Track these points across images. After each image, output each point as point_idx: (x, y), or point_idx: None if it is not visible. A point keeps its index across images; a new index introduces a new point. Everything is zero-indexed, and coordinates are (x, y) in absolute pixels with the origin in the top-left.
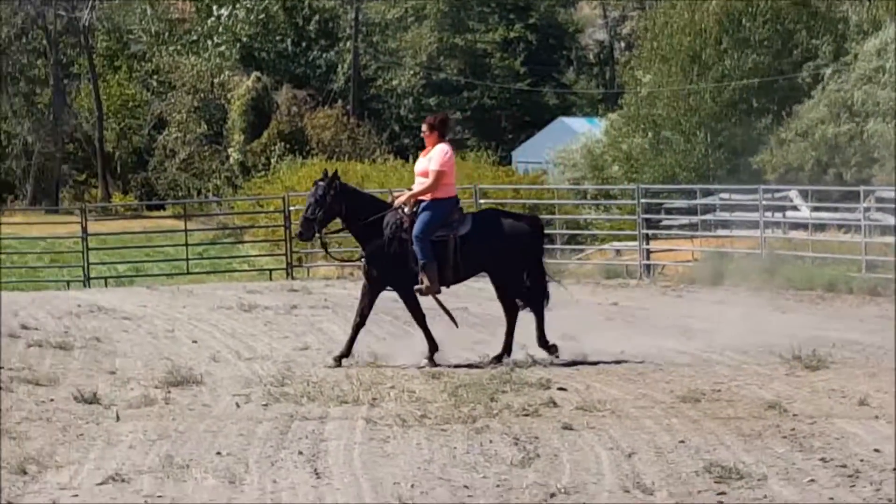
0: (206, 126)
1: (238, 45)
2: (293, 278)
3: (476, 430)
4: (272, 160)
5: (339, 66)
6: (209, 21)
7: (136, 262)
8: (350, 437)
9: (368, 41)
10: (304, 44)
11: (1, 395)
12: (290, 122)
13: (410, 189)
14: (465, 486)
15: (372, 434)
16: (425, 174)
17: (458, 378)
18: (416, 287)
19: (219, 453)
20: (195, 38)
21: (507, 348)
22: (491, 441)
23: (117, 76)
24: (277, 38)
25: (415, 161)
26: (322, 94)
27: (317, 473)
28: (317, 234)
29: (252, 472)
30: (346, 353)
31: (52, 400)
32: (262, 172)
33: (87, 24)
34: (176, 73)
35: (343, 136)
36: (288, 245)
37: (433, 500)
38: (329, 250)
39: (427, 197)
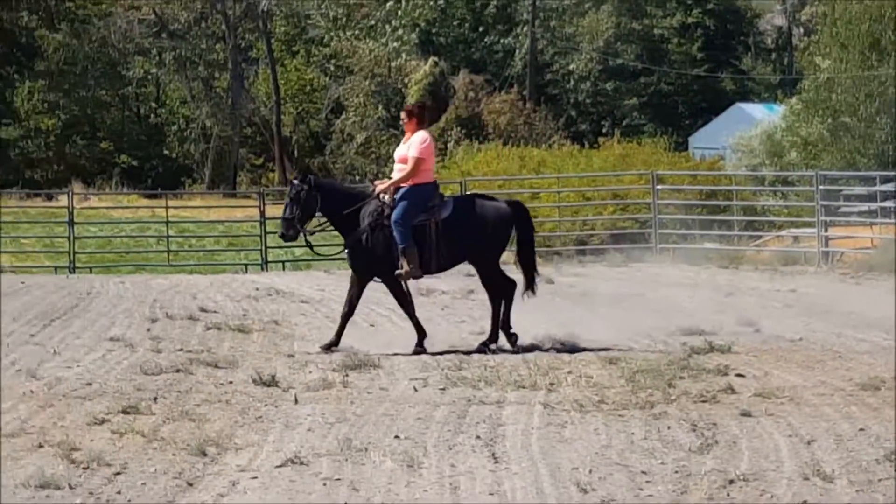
0: (383, 110)
1: (416, 29)
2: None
3: (654, 416)
4: (448, 145)
5: (517, 51)
6: (387, 5)
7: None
8: (527, 422)
9: (545, 26)
10: (481, 29)
11: None
12: (467, 106)
13: (390, 178)
14: (643, 472)
15: (549, 419)
16: (404, 161)
17: (636, 364)
18: (396, 272)
19: (397, 437)
20: (373, 22)
21: (493, 336)
22: (669, 427)
23: (295, 61)
24: (455, 22)
25: (591, 146)
26: (499, 79)
27: (494, 458)
28: (300, 232)
29: (430, 455)
30: (336, 342)
31: (230, 382)
32: (439, 157)
33: (265, 8)
34: (353, 57)
35: (519, 122)
36: None
37: (611, 486)
38: (314, 247)
39: (406, 184)
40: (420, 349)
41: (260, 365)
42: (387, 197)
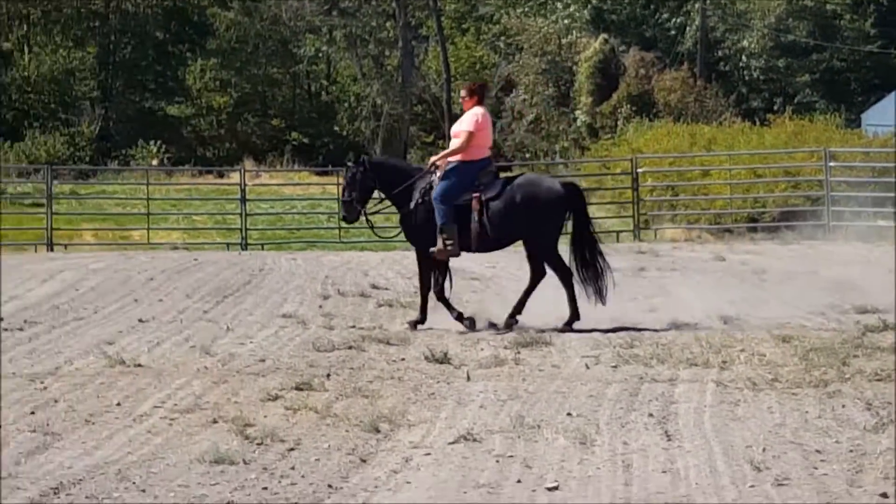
0: (553, 88)
1: (587, 6)
2: (640, 240)
3: (828, 394)
4: (619, 122)
5: (688, 29)
6: None
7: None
8: (700, 400)
9: (717, 3)
10: (652, 6)
11: None
12: (637, 84)
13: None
14: (818, 451)
15: (722, 397)
16: (458, 136)
17: (809, 342)
18: (430, 249)
19: (569, 414)
20: None
21: (519, 309)
22: (843, 406)
23: (465, 38)
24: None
25: (762, 124)
26: (669, 56)
27: (667, 436)
28: (361, 214)
29: (602, 433)
30: (422, 319)
31: (403, 359)
32: (609, 135)
33: None
34: (523, 35)
35: (690, 99)
36: (635, 207)
37: (785, 465)
38: (374, 227)
39: (457, 158)
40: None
41: (432, 342)
42: (438, 172)
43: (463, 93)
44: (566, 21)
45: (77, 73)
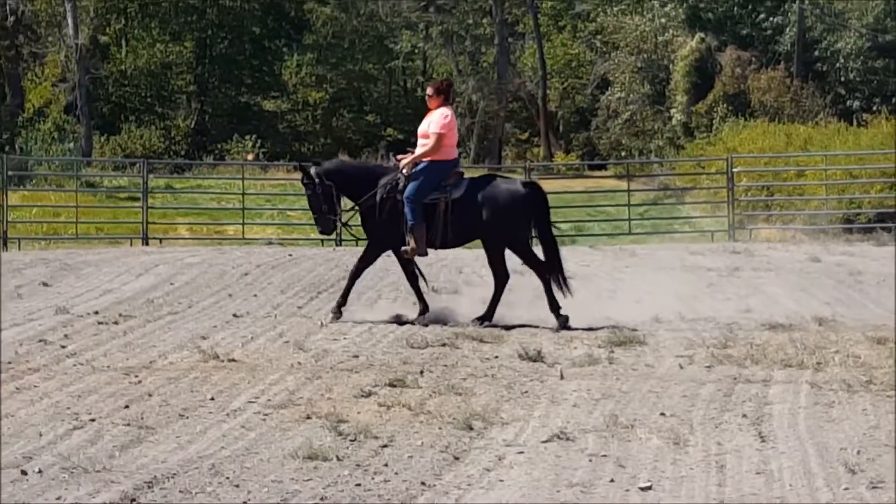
0: (648, 86)
1: (684, 4)
2: (735, 240)
3: None
4: (714, 122)
5: (786, 29)
6: None
7: (578, 221)
8: (794, 402)
9: (815, 3)
10: (750, 6)
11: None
12: (733, 83)
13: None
14: None
15: (816, 398)
16: (426, 136)
17: None
18: (402, 248)
19: (662, 414)
20: None
21: (489, 314)
22: None
23: (561, 36)
24: None
25: (859, 124)
26: (766, 55)
27: (761, 437)
28: (336, 222)
29: (696, 433)
30: (342, 302)
31: (496, 357)
32: (705, 134)
33: None
34: (620, 33)
35: (786, 99)
36: (730, 207)
37: (880, 468)
38: (351, 228)
39: (426, 159)
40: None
41: (525, 340)
42: (405, 171)
43: (429, 91)
44: (662, 19)
45: (174, 67)
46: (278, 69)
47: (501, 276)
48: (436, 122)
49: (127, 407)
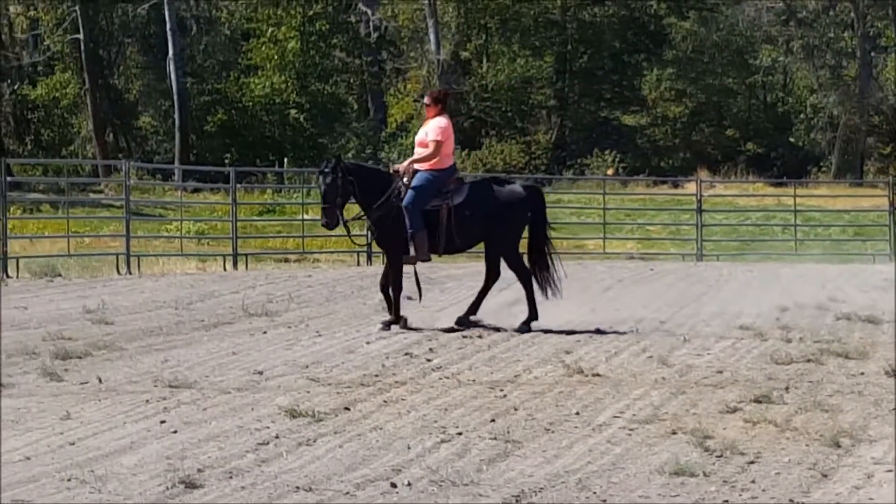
0: None
1: None
2: None
3: None
4: None
5: None
6: None
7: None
8: None
9: None
10: None
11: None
12: None
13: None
14: None
15: None
16: (424, 145)
17: None
18: (404, 255)
19: None
20: None
21: (473, 309)
22: None
23: None
24: None
25: None
26: None
27: None
28: (341, 220)
29: None
30: (396, 319)
31: (862, 373)
32: None
33: None
34: None
35: None
36: None
37: None
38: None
39: (425, 166)
40: (385, 326)
41: (891, 356)
42: (405, 178)
43: (427, 100)
44: None
45: (534, 82)
46: (638, 83)
47: (493, 274)
48: (433, 130)
49: (493, 421)
